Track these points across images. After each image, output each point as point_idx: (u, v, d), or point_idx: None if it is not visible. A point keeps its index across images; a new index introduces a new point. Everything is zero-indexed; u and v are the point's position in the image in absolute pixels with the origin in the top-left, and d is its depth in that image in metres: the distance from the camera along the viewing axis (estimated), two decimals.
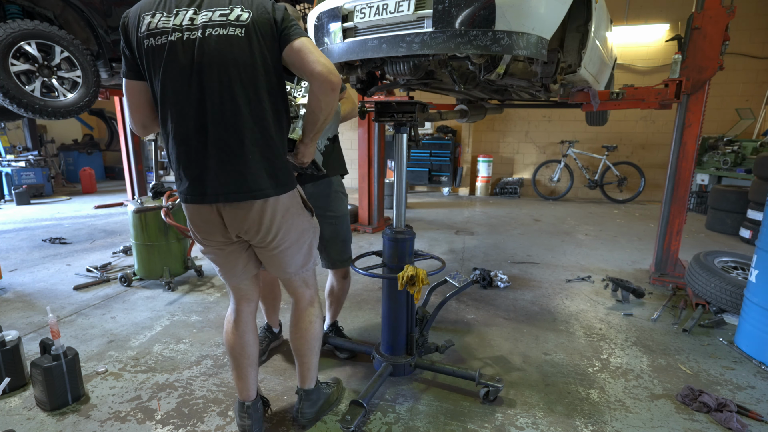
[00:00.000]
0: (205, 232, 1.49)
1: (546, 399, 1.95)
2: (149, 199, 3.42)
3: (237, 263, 1.57)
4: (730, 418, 1.76)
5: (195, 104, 1.33)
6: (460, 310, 2.92)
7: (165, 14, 1.32)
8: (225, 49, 1.30)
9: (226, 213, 1.41)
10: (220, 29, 1.30)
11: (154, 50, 1.31)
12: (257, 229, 1.44)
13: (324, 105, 1.37)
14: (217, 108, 1.32)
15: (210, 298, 3.09)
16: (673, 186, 3.30)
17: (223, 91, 1.31)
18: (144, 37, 1.32)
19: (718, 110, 6.85)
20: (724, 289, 2.71)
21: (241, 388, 1.66)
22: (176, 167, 1.42)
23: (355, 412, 1.71)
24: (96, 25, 3.37)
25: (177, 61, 1.30)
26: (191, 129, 1.35)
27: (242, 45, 1.30)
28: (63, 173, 9.40)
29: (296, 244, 1.55)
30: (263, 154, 1.38)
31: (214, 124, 1.33)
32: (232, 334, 1.64)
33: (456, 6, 1.76)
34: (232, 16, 1.31)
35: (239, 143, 1.34)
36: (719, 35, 2.98)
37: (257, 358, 1.71)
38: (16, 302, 2.99)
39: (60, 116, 3.08)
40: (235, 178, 1.36)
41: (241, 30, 1.30)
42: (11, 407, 1.88)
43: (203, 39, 1.29)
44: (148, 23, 1.32)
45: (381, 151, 5.05)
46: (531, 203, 7.34)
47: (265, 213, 1.41)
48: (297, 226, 1.53)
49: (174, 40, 1.30)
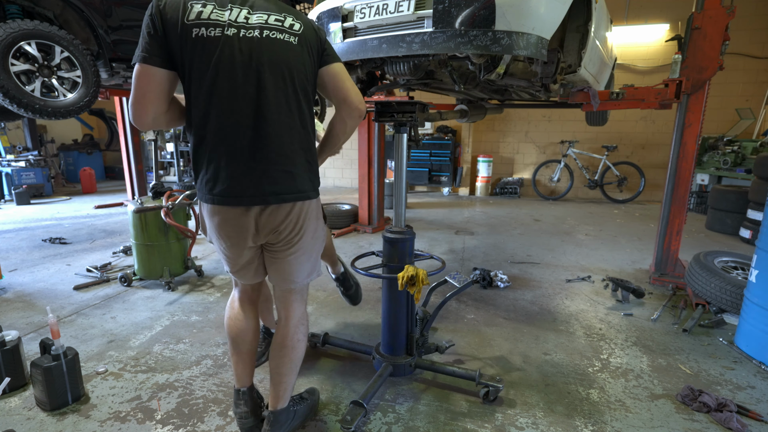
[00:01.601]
0: (232, 238, 1.45)
1: (546, 399, 1.95)
2: (149, 199, 3.42)
3: (250, 268, 1.58)
4: (730, 418, 1.76)
5: (249, 102, 1.32)
6: (460, 310, 2.92)
7: (217, 6, 1.30)
8: (282, 52, 1.33)
9: (265, 215, 1.40)
10: (278, 33, 1.33)
11: (206, 41, 1.27)
12: (291, 229, 1.45)
13: (349, 129, 1.51)
14: (273, 107, 1.34)
15: (210, 298, 3.09)
16: (673, 186, 3.30)
17: (278, 93, 1.34)
18: (193, 25, 1.26)
19: (718, 110, 6.85)
20: (724, 289, 2.71)
21: (239, 373, 1.67)
22: (212, 166, 1.36)
23: (356, 413, 1.71)
24: (96, 25, 3.37)
25: (233, 56, 1.29)
26: (242, 126, 1.32)
27: (296, 52, 1.36)
28: (63, 173, 9.40)
29: (310, 249, 1.56)
30: (307, 157, 1.44)
31: (268, 123, 1.34)
32: (235, 319, 1.65)
33: (456, 6, 1.76)
34: (286, 23, 1.36)
35: (290, 145, 1.38)
36: (719, 35, 2.98)
37: (256, 346, 1.71)
38: (16, 302, 2.99)
39: (60, 116, 3.08)
40: (284, 179, 1.39)
41: (294, 38, 1.36)
42: (11, 407, 1.88)
43: (261, 39, 1.31)
44: (198, 12, 1.27)
45: (381, 151, 5.05)
46: (531, 203, 7.34)
47: (301, 214, 1.46)
48: (313, 230, 1.55)
49: (230, 35, 1.28)
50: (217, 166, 1.35)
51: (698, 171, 6.25)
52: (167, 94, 1.33)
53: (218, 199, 1.38)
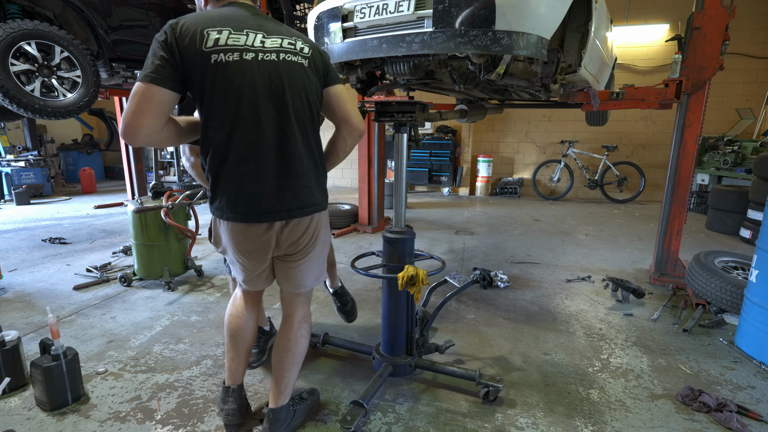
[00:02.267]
0: (253, 253, 1.51)
1: (546, 399, 1.95)
2: (149, 199, 3.42)
3: (262, 276, 1.63)
4: (730, 418, 1.76)
5: (271, 122, 1.39)
6: (460, 310, 2.92)
7: (233, 32, 1.35)
8: (297, 74, 1.42)
9: (287, 230, 1.48)
10: (292, 56, 1.42)
11: (226, 66, 1.32)
12: (308, 240, 1.54)
13: (349, 148, 1.61)
14: (294, 127, 1.42)
15: (210, 298, 3.09)
16: (674, 186, 3.29)
17: (297, 113, 1.43)
18: (211, 52, 1.31)
19: (718, 110, 6.85)
20: (725, 289, 2.71)
21: (232, 370, 1.70)
22: (233, 185, 1.40)
23: (356, 413, 1.71)
24: (96, 25, 3.37)
25: (254, 79, 1.35)
26: (265, 146, 1.39)
27: (308, 74, 1.45)
28: (63, 173, 9.40)
29: (319, 255, 1.63)
30: (318, 170, 1.53)
31: (290, 143, 1.42)
32: (237, 316, 1.69)
33: (456, 6, 1.76)
34: (298, 47, 1.44)
35: (308, 161, 1.47)
36: (719, 35, 2.98)
37: (252, 345, 1.76)
38: (16, 302, 2.99)
39: (60, 116, 3.08)
40: (305, 193, 1.48)
41: (306, 60, 1.45)
42: (11, 407, 1.88)
43: (278, 62, 1.39)
44: (216, 39, 1.32)
45: (381, 151, 5.05)
46: (531, 203, 7.34)
47: (318, 225, 1.56)
48: (323, 238, 1.62)
49: (249, 59, 1.35)
50: (240, 185, 1.40)
51: (698, 171, 6.25)
52: (166, 115, 1.36)
53: (242, 216, 1.43)
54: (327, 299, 3.07)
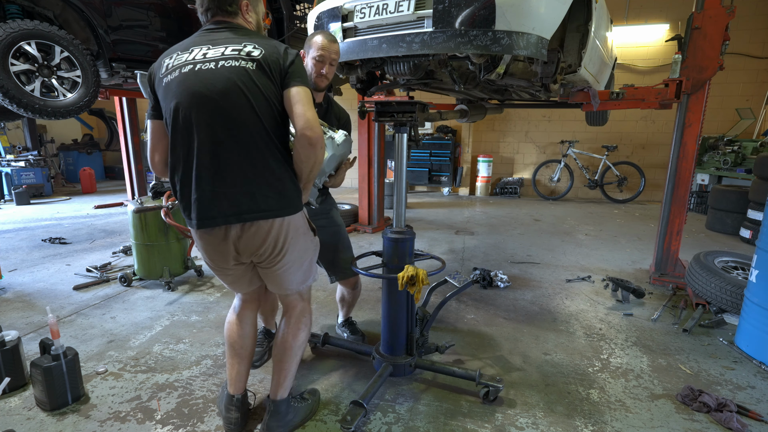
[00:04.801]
0: (214, 259, 1.53)
1: (546, 399, 1.95)
2: (149, 199, 3.42)
3: (242, 281, 1.64)
4: (730, 418, 1.76)
5: (205, 129, 1.37)
6: (460, 310, 2.92)
7: (180, 53, 1.43)
8: (235, 78, 1.37)
9: (244, 237, 1.45)
10: (233, 61, 1.38)
11: (169, 84, 1.41)
12: (271, 251, 1.49)
13: (304, 158, 1.43)
14: (228, 133, 1.38)
15: (210, 298, 3.09)
16: (674, 186, 3.29)
17: (235, 117, 1.37)
18: (163, 76, 1.42)
19: (719, 110, 6.85)
20: (725, 289, 2.70)
21: (234, 379, 1.70)
22: (185, 193, 1.44)
23: (356, 413, 1.71)
24: (96, 25, 3.37)
25: (189, 89, 1.38)
26: (200, 153, 1.39)
27: (252, 76, 1.38)
28: (63, 173, 9.39)
29: (297, 262, 1.59)
30: (276, 175, 1.43)
31: (225, 149, 1.38)
32: (234, 325, 1.70)
33: (456, 6, 1.76)
34: (244, 51, 1.40)
35: (251, 167, 1.40)
36: (719, 35, 2.98)
37: (252, 353, 1.75)
38: (16, 302, 2.99)
39: (60, 116, 3.08)
40: (242, 201, 1.41)
41: (252, 64, 1.39)
42: (11, 407, 1.88)
43: (215, 69, 1.37)
44: (167, 64, 1.43)
45: (381, 151, 5.05)
46: (531, 203, 7.34)
47: (279, 233, 1.46)
48: (300, 246, 1.57)
49: (186, 72, 1.39)
50: (184, 193, 1.45)
51: (698, 171, 6.25)
52: (166, 142, 1.47)
53: (195, 223, 1.44)
54: (327, 299, 3.07)
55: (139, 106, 7.16)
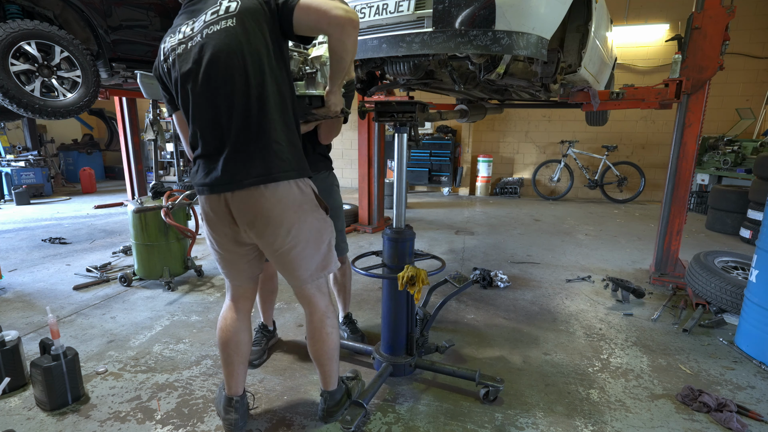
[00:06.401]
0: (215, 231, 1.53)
1: (546, 399, 1.95)
2: (149, 199, 3.42)
3: (238, 266, 1.60)
4: (730, 418, 1.76)
5: (206, 102, 1.38)
6: (460, 310, 2.92)
7: (171, 36, 1.45)
8: (221, 42, 1.34)
9: (233, 204, 1.43)
10: (214, 26, 1.36)
11: (170, 71, 1.44)
12: (266, 222, 1.41)
13: (350, 46, 1.35)
14: (227, 101, 1.36)
15: (210, 298, 3.09)
16: (673, 186, 3.29)
17: (227, 84, 1.35)
18: (163, 62, 1.46)
19: (718, 110, 6.85)
20: (725, 289, 2.70)
21: (230, 383, 1.68)
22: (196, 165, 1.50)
23: (356, 413, 1.71)
24: (96, 25, 3.37)
25: (185, 69, 1.39)
26: (208, 127, 1.41)
27: (236, 33, 1.33)
28: (63, 173, 9.39)
29: (313, 244, 1.50)
30: (270, 140, 1.38)
31: (226, 117, 1.38)
32: (226, 330, 1.65)
33: (456, 6, 1.76)
34: (221, 10, 1.36)
35: (253, 132, 1.37)
36: (719, 35, 2.98)
37: (248, 356, 1.72)
38: (16, 302, 2.99)
39: (60, 116, 3.08)
40: (246, 165, 1.38)
41: (231, 20, 1.34)
42: (11, 407, 1.88)
43: (202, 41, 1.37)
44: (163, 50, 1.46)
45: (381, 151, 5.05)
46: (531, 203, 7.34)
47: (274, 203, 1.39)
48: (311, 224, 1.49)
49: (180, 53, 1.40)
50: (199, 164, 1.49)
51: (698, 171, 6.25)
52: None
53: (198, 189, 1.50)
54: None
55: (139, 106, 7.16)
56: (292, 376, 2.13)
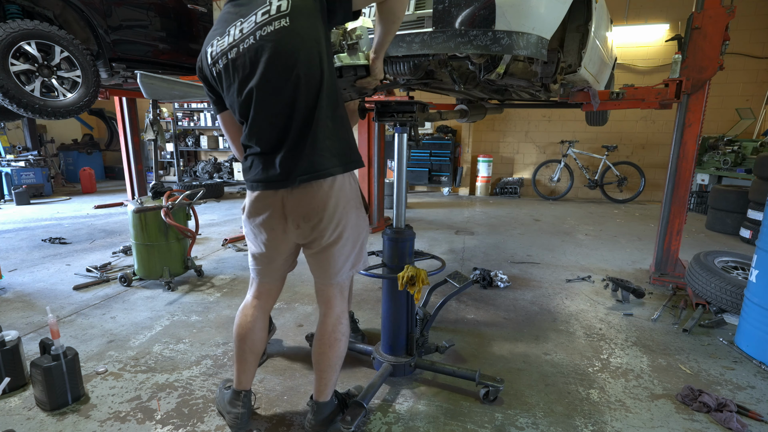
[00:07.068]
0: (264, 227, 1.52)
1: (546, 399, 1.95)
2: (149, 199, 3.41)
3: (279, 261, 1.60)
4: (730, 418, 1.76)
5: (265, 104, 1.38)
6: (460, 310, 2.92)
7: (219, 38, 1.42)
8: (277, 44, 1.33)
9: (289, 199, 1.43)
10: (267, 27, 1.33)
11: (221, 75, 1.43)
12: (321, 216, 1.44)
13: (403, 9, 1.43)
14: (286, 101, 1.37)
15: (210, 298, 3.09)
16: (674, 186, 3.29)
17: (287, 84, 1.35)
18: (211, 66, 1.45)
19: (718, 110, 6.85)
20: (725, 289, 2.70)
21: (241, 378, 1.70)
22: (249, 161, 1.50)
23: (356, 413, 1.71)
24: (96, 25, 3.36)
25: (241, 73, 1.38)
26: (266, 127, 1.40)
27: (291, 33, 1.33)
28: (63, 173, 9.39)
29: (352, 240, 1.53)
30: (326, 135, 1.41)
31: (286, 116, 1.38)
32: (245, 326, 1.65)
33: (456, 6, 1.76)
34: (273, 9, 1.34)
35: (311, 129, 1.38)
36: (719, 35, 2.98)
37: (261, 352, 1.73)
38: (16, 302, 2.99)
39: (60, 116, 3.07)
40: (304, 161, 1.39)
41: (285, 20, 1.32)
42: (11, 407, 1.88)
43: (256, 43, 1.35)
44: (210, 53, 1.44)
45: (381, 151, 5.05)
46: (531, 203, 7.34)
47: (330, 196, 1.43)
48: (355, 221, 1.53)
49: (233, 57, 1.38)
50: (250, 165, 1.50)
51: (698, 171, 6.25)
52: (240, 129, 1.50)
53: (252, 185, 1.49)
54: None
55: (139, 106, 7.16)
56: (292, 376, 2.13)
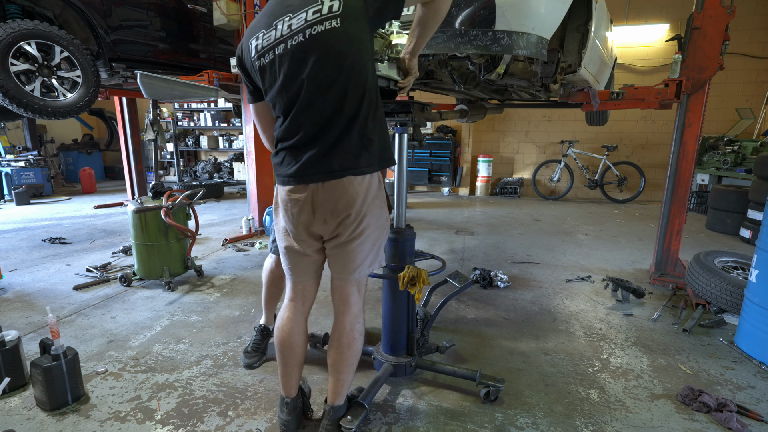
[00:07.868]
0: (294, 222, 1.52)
1: (546, 399, 1.95)
2: (149, 199, 3.42)
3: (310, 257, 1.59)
4: (730, 418, 1.76)
5: (309, 101, 1.37)
6: (460, 310, 2.92)
7: (265, 32, 1.40)
8: (327, 44, 1.32)
9: (320, 193, 1.43)
10: (318, 26, 1.32)
11: (266, 69, 1.41)
12: (348, 211, 1.44)
13: (446, 8, 1.45)
14: (330, 100, 1.36)
15: (210, 298, 3.09)
16: (674, 186, 3.29)
17: (334, 85, 1.35)
18: (256, 60, 1.42)
19: (718, 110, 6.85)
20: (725, 289, 2.71)
21: (284, 384, 1.68)
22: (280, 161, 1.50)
23: (356, 413, 1.71)
24: (96, 25, 3.37)
25: (288, 70, 1.36)
26: (306, 123, 1.40)
27: (341, 35, 1.33)
28: (63, 173, 9.39)
29: (373, 238, 1.54)
30: (366, 134, 1.42)
31: (328, 115, 1.37)
32: (282, 330, 1.63)
33: (456, 6, 1.76)
34: (324, 9, 1.33)
35: (351, 128, 1.38)
36: (719, 35, 2.98)
37: (303, 358, 1.69)
38: (16, 302, 2.99)
39: (60, 116, 3.08)
40: (339, 157, 1.40)
41: (336, 20, 1.32)
42: (11, 407, 1.88)
43: (305, 41, 1.33)
44: (255, 46, 1.42)
45: None
46: (531, 203, 7.34)
47: (359, 193, 1.44)
48: (378, 218, 1.53)
49: (280, 53, 1.37)
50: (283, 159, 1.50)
51: (698, 171, 6.25)
52: (274, 121, 1.52)
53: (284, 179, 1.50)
54: (327, 299, 3.07)
55: (139, 106, 7.16)
56: None
